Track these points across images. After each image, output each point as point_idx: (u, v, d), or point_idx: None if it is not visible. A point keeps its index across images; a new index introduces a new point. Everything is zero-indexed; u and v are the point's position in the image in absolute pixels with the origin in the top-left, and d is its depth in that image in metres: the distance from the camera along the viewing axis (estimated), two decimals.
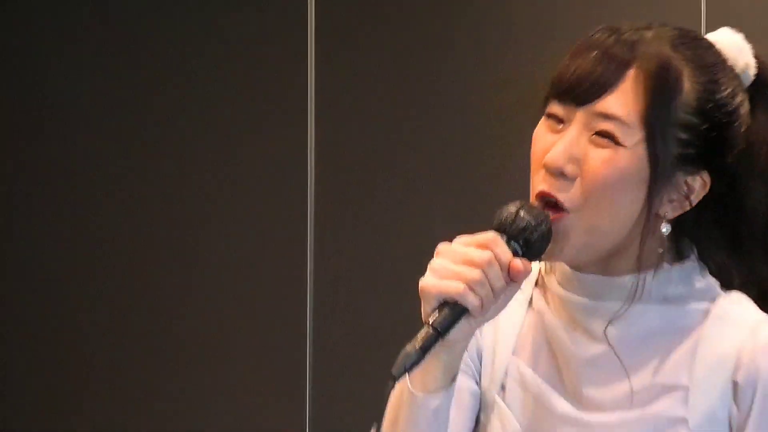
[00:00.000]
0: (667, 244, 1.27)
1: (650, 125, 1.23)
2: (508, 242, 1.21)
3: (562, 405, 1.28)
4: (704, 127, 1.24)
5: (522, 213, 1.22)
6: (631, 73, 1.23)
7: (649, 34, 1.26)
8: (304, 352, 3.15)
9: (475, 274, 1.18)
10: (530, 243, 1.22)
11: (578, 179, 1.23)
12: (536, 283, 1.34)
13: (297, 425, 3.16)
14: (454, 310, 1.19)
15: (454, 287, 1.18)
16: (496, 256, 1.20)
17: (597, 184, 1.23)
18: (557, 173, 1.24)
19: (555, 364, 1.30)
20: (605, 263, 1.27)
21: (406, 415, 1.25)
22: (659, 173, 1.23)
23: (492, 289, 1.20)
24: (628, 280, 1.26)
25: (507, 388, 1.31)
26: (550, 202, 1.24)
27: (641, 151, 1.23)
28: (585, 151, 1.24)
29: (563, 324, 1.29)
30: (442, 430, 1.25)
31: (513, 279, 1.21)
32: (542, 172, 1.25)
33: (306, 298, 3.15)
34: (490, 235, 1.21)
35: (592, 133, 1.24)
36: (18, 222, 3.41)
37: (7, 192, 3.41)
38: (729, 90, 1.26)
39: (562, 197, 1.23)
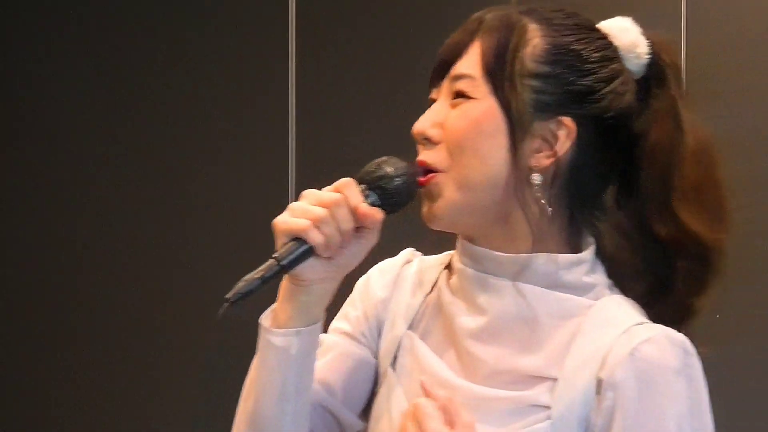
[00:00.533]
0: (565, 235, 1.31)
1: (493, 74, 1.30)
2: (364, 190, 1.26)
3: (440, 369, 1.32)
4: (557, 74, 1.30)
5: (384, 165, 1.28)
6: (477, 38, 1.32)
7: (500, 8, 1.35)
8: None
9: (320, 212, 1.23)
10: (387, 192, 1.27)
11: (443, 141, 1.30)
12: (448, 266, 1.37)
13: None
14: (298, 246, 1.23)
15: (299, 223, 1.23)
16: (346, 199, 1.25)
17: (457, 138, 1.29)
18: (424, 140, 1.31)
19: (445, 335, 1.33)
20: (498, 238, 1.31)
21: (258, 354, 1.29)
22: (514, 118, 1.28)
23: (339, 230, 1.24)
24: (514, 257, 1.29)
25: (398, 360, 1.35)
26: (427, 171, 1.30)
27: (492, 100, 1.30)
28: (447, 115, 1.31)
29: (457, 297, 1.33)
30: (293, 375, 1.28)
31: (362, 223, 1.25)
32: (419, 147, 1.32)
33: None
34: (346, 180, 1.27)
35: (452, 97, 1.32)
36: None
37: None
38: (587, 46, 1.31)
39: (431, 159, 1.30)
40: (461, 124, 1.30)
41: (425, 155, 1.31)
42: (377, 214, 1.27)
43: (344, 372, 1.36)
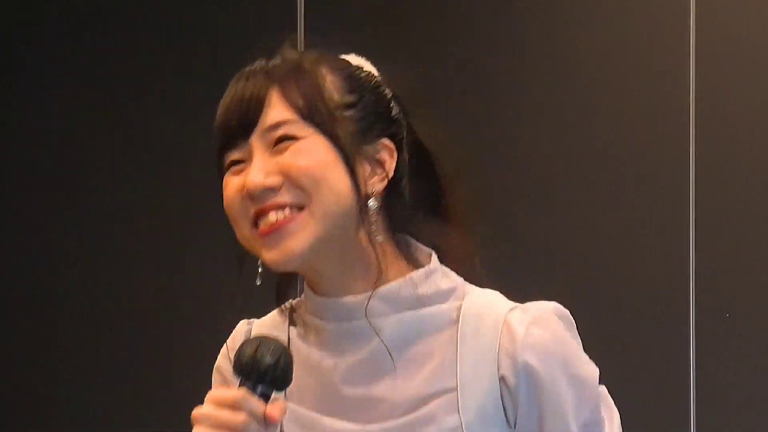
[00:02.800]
0: (406, 253, 1.34)
1: (311, 113, 1.33)
2: (255, 387, 1.25)
3: (334, 424, 1.31)
4: (362, 100, 1.35)
5: (259, 354, 1.26)
6: (273, 89, 1.34)
7: (276, 59, 1.38)
8: None
9: None
10: (276, 379, 1.26)
11: (285, 184, 1.31)
12: (290, 321, 1.38)
13: None
14: None
15: None
16: (251, 414, 1.23)
17: (304, 173, 1.31)
18: (263, 191, 1.31)
19: (323, 391, 1.33)
20: (347, 274, 1.32)
21: None
22: (345, 149, 1.32)
23: None
24: (367, 296, 1.31)
25: None
26: (276, 223, 1.30)
27: (320, 136, 1.33)
28: (276, 162, 1.32)
29: (322, 351, 1.33)
30: None
31: (272, 422, 1.25)
32: (247, 207, 1.32)
33: None
34: (239, 394, 1.24)
35: (272, 146, 1.33)
36: None
37: None
38: (364, 72, 1.38)
39: (291, 199, 1.31)
40: (304, 161, 1.33)
41: (276, 199, 1.31)
42: (282, 405, 1.26)
43: None
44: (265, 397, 1.25)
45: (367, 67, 1.42)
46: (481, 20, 3.12)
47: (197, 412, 1.24)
